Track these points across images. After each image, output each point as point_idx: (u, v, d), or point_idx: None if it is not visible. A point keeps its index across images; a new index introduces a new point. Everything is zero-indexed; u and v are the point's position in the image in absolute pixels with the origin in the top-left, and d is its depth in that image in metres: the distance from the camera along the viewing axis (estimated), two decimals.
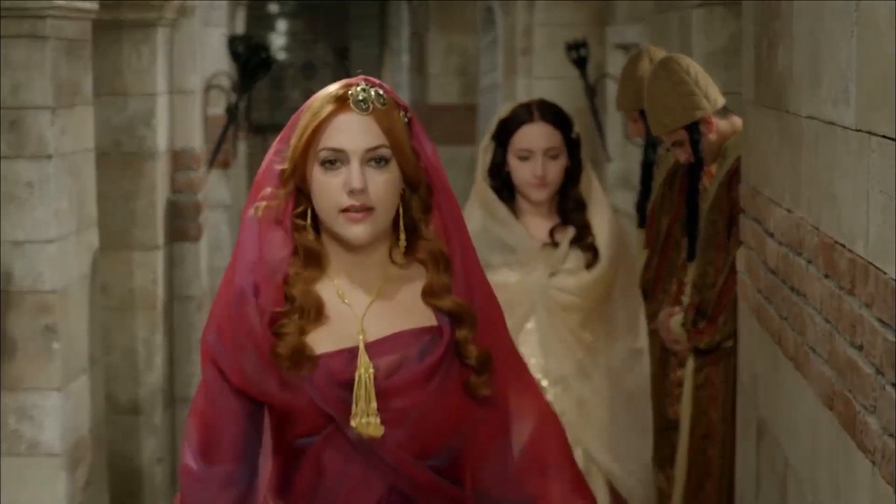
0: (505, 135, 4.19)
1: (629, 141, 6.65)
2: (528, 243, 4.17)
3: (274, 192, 2.53)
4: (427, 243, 2.55)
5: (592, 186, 4.23)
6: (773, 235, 3.40)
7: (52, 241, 4.43)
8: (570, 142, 4.18)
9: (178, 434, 6.24)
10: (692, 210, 4.42)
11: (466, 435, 2.56)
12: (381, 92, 2.52)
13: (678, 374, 4.58)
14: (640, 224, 5.18)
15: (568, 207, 4.20)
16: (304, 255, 2.53)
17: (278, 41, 20.73)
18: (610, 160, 8.29)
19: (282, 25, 21.31)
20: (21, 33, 4.37)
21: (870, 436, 2.39)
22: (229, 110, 7.61)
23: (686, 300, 4.44)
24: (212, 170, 7.47)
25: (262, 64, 7.57)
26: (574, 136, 4.19)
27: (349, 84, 2.53)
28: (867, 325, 2.41)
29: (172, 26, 6.31)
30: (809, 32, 2.95)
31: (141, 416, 6.03)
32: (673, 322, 4.45)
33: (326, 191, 2.49)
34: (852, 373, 2.52)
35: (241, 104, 7.77)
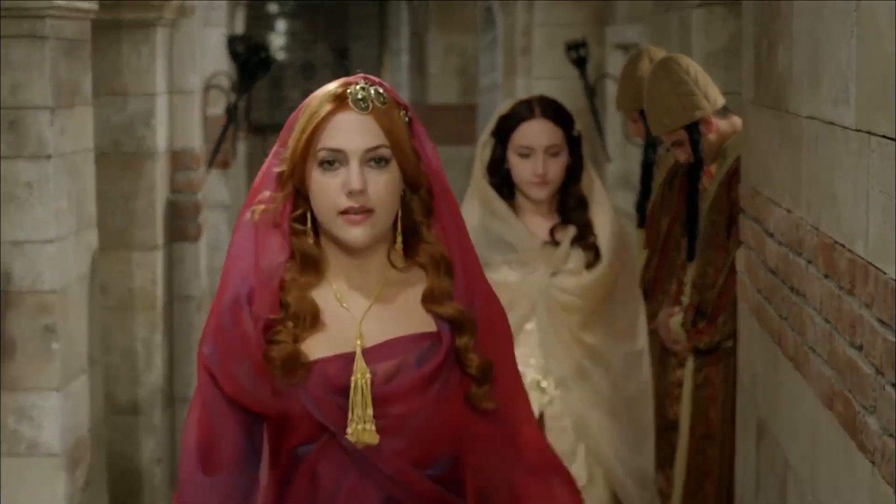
0: (505, 131, 4.09)
1: (629, 141, 6.64)
2: (529, 242, 4.06)
3: (272, 195, 2.46)
4: (428, 246, 2.48)
5: (594, 184, 4.13)
6: (772, 235, 3.40)
7: (52, 242, 4.42)
8: (571, 139, 4.09)
9: (178, 434, 6.23)
10: (692, 210, 4.42)
11: (466, 445, 2.49)
12: (380, 90, 2.45)
13: (678, 374, 4.58)
14: (640, 224, 5.19)
15: (569, 206, 4.09)
16: (302, 260, 2.46)
17: (278, 41, 20.73)
18: (610, 160, 8.29)
19: (281, 25, 21.30)
20: (20, 33, 4.36)
21: (870, 436, 2.39)
22: (229, 110, 7.60)
23: (686, 300, 4.44)
24: (211, 170, 7.47)
25: (262, 64, 7.56)
26: (575, 133, 4.09)
27: (348, 82, 2.46)
28: (867, 325, 2.40)
29: (172, 26, 6.30)
30: (809, 32, 2.94)
31: (140, 417, 6.02)
32: (673, 322, 4.45)
33: (325, 192, 2.42)
34: (852, 373, 2.52)
35: (240, 104, 7.76)
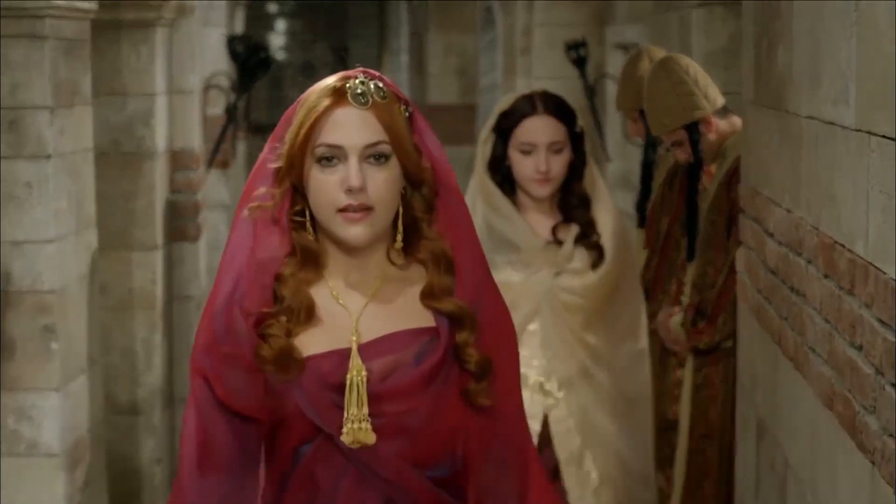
0: (506, 127, 4.00)
1: (629, 141, 6.64)
2: (532, 241, 3.98)
3: (268, 191, 2.39)
4: (429, 243, 2.42)
5: (596, 182, 4.05)
6: (772, 235, 3.40)
7: (51, 241, 4.42)
8: (573, 135, 3.99)
9: (177, 434, 6.22)
10: (692, 210, 4.42)
11: (467, 445, 2.42)
12: (380, 85, 2.40)
13: (678, 374, 4.58)
14: (640, 224, 5.19)
15: (571, 203, 4.00)
16: (302, 256, 2.40)
17: (277, 41, 20.74)
18: (609, 160, 8.29)
19: (281, 25, 21.31)
20: (20, 33, 4.36)
21: (869, 436, 2.39)
22: (228, 110, 7.60)
23: (685, 300, 4.44)
24: (211, 170, 7.47)
25: (261, 64, 7.56)
26: (578, 129, 4.00)
27: (347, 77, 2.40)
28: (867, 325, 2.40)
29: (171, 26, 6.30)
30: (809, 32, 2.94)
31: (140, 417, 6.02)
32: (672, 322, 4.45)
33: (323, 189, 2.36)
34: (852, 373, 2.52)
35: (240, 104, 7.76)
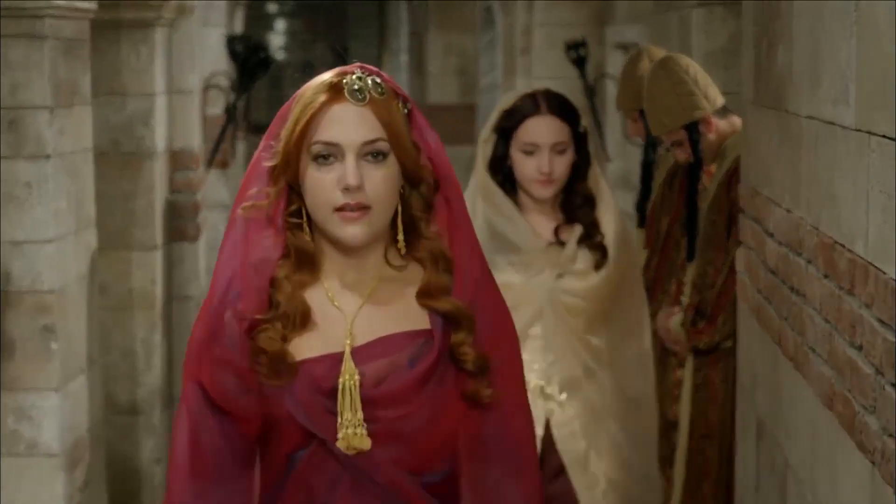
0: (508, 127, 3.90)
1: (629, 141, 6.64)
2: (534, 242, 3.90)
3: (263, 190, 2.33)
4: (427, 242, 2.36)
5: (599, 182, 3.97)
6: (772, 235, 3.40)
7: (51, 241, 4.42)
8: (577, 135, 3.90)
9: None
10: (692, 210, 4.42)
11: (467, 446, 2.37)
12: (378, 80, 2.35)
13: (677, 374, 4.58)
14: (640, 224, 5.19)
15: (575, 204, 3.92)
16: (297, 257, 2.34)
17: (277, 41, 20.75)
18: (609, 160, 8.29)
19: (280, 25, 21.32)
20: (19, 33, 4.36)
21: (869, 436, 2.38)
22: (228, 110, 7.60)
23: (685, 300, 4.44)
24: (210, 170, 7.47)
25: (261, 64, 7.56)
26: (581, 129, 3.92)
27: (344, 72, 2.35)
28: (867, 325, 2.40)
29: (171, 26, 6.30)
30: (809, 32, 2.94)
31: (139, 417, 6.02)
32: (672, 322, 4.44)
33: (319, 188, 2.29)
34: (852, 373, 2.52)
35: (239, 104, 7.76)
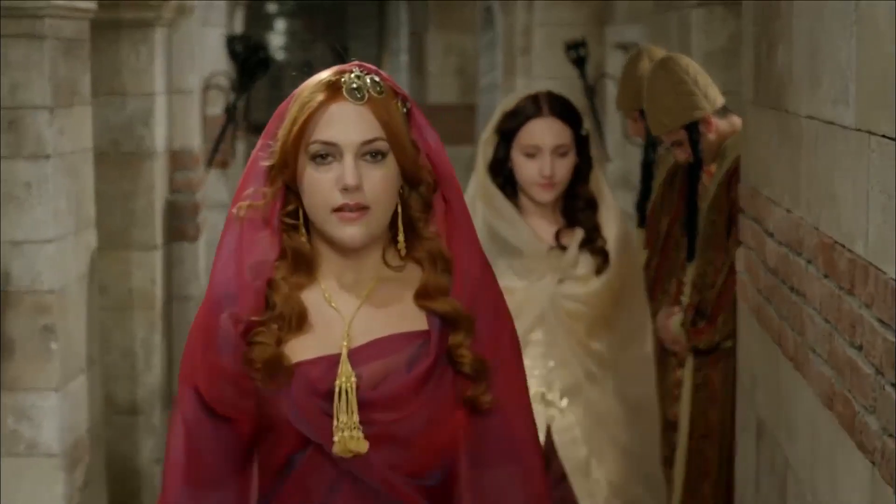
0: (510, 129, 3.83)
1: (629, 141, 6.64)
2: (535, 246, 3.83)
3: (260, 190, 2.30)
4: (426, 243, 2.33)
5: (601, 186, 3.92)
6: (772, 235, 3.40)
7: (51, 241, 4.42)
8: (579, 138, 3.84)
9: None
10: (692, 210, 4.42)
11: (469, 449, 2.33)
12: (377, 79, 2.32)
13: (677, 374, 4.58)
14: (640, 224, 5.19)
15: (577, 207, 3.86)
16: (293, 259, 2.31)
17: (277, 41, 20.76)
18: (609, 160, 8.29)
19: (280, 25, 21.34)
20: (19, 33, 4.36)
21: (869, 436, 2.38)
22: (228, 110, 7.60)
23: (685, 300, 4.44)
24: (210, 170, 7.47)
25: (261, 63, 7.57)
26: (584, 132, 3.86)
27: (342, 70, 2.31)
28: (867, 325, 2.40)
29: (171, 26, 6.31)
30: (809, 32, 2.94)
31: (139, 417, 6.02)
32: (672, 322, 4.44)
33: (317, 188, 2.26)
34: (852, 373, 2.52)
35: (239, 104, 7.76)
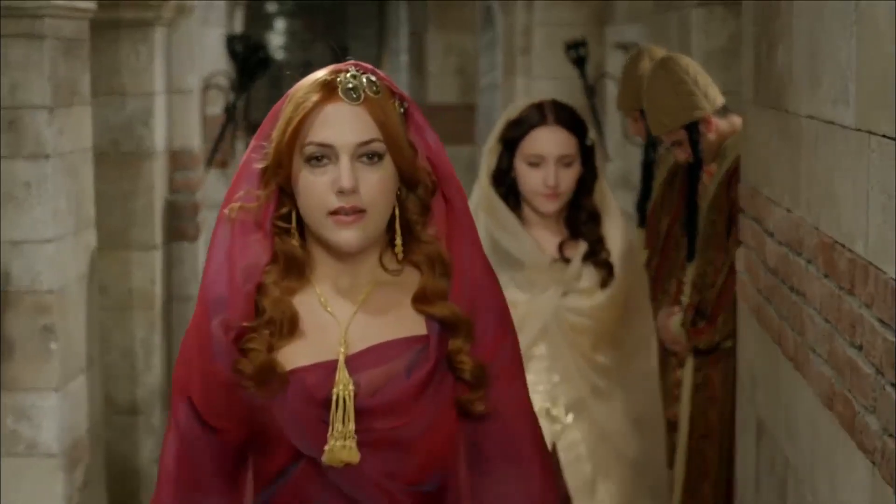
0: (513, 138, 3.77)
1: (629, 141, 6.64)
2: (538, 258, 3.75)
3: (252, 192, 2.24)
4: (424, 246, 2.27)
5: (606, 197, 3.84)
6: (772, 235, 3.40)
7: (50, 241, 4.41)
8: (584, 148, 3.77)
9: None
10: (692, 210, 4.42)
11: (466, 458, 2.28)
12: (373, 79, 2.26)
13: (677, 374, 4.58)
14: (640, 224, 5.19)
15: (580, 219, 3.78)
16: (285, 263, 2.24)
17: (277, 41, 20.76)
18: (610, 160, 8.29)
19: (280, 25, 21.34)
20: (19, 33, 4.36)
21: (870, 436, 2.38)
22: (227, 110, 7.60)
23: (685, 300, 4.44)
24: (210, 170, 7.47)
25: (261, 63, 7.56)
26: (589, 142, 3.78)
27: (338, 70, 2.25)
28: (867, 325, 2.40)
29: (170, 26, 6.30)
30: (809, 32, 2.94)
31: (139, 417, 6.02)
32: (672, 322, 4.44)
33: (312, 191, 2.20)
34: (852, 373, 2.52)
35: (239, 104, 7.76)
